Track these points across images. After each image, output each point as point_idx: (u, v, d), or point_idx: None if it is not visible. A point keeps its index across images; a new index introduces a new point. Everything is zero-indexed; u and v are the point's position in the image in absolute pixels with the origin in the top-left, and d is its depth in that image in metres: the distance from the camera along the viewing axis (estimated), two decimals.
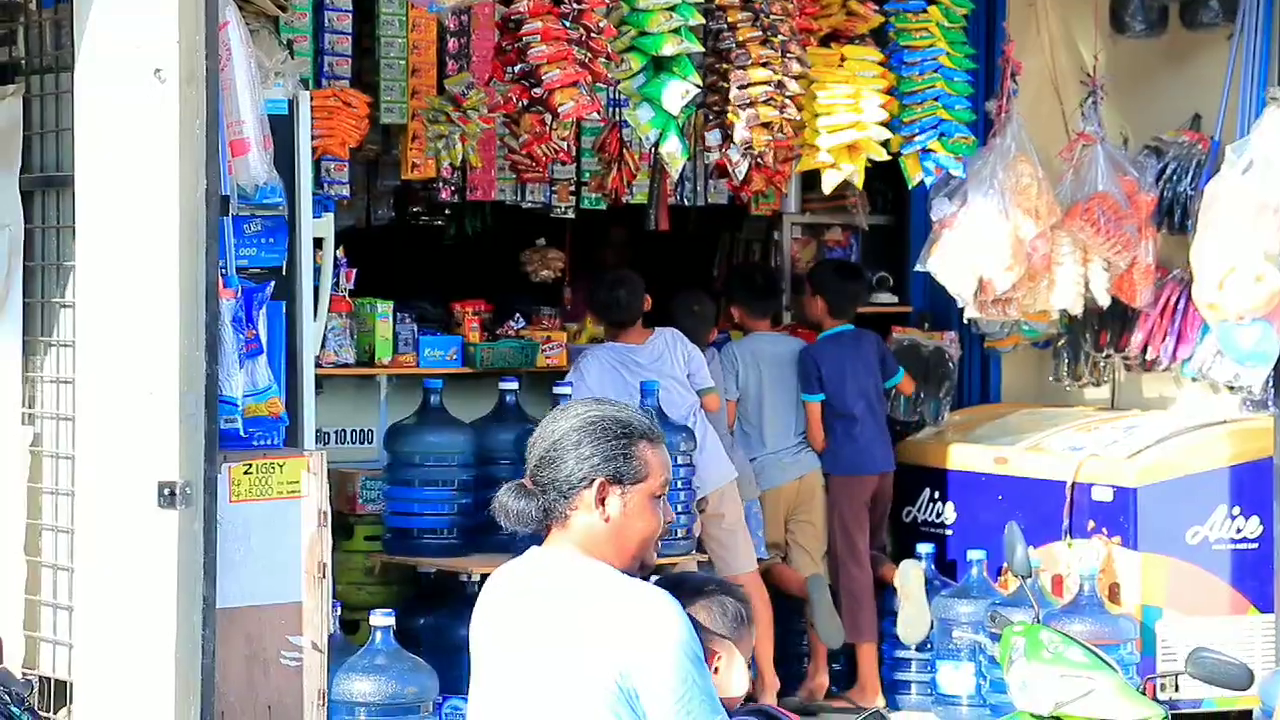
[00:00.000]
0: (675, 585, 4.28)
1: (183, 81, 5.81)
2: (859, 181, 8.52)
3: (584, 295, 9.05)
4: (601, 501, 4.10)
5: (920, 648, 8.44)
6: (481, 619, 4.22)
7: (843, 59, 8.34)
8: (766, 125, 8.13)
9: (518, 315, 8.98)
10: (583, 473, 4.10)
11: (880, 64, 8.34)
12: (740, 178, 8.34)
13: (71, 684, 6.22)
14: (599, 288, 8.44)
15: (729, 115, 8.16)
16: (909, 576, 8.38)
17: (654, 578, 4.31)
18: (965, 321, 9.07)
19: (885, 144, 8.39)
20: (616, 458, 4.11)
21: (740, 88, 8.11)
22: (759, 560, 8.41)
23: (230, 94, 6.15)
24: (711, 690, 4.04)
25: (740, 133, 8.09)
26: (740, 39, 8.09)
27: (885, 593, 8.60)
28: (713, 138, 8.30)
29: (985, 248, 8.44)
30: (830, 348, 8.85)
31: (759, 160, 8.28)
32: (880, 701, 8.39)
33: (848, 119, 8.25)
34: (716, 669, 4.25)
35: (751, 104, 8.13)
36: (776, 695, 8.19)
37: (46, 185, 6.60)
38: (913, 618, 8.33)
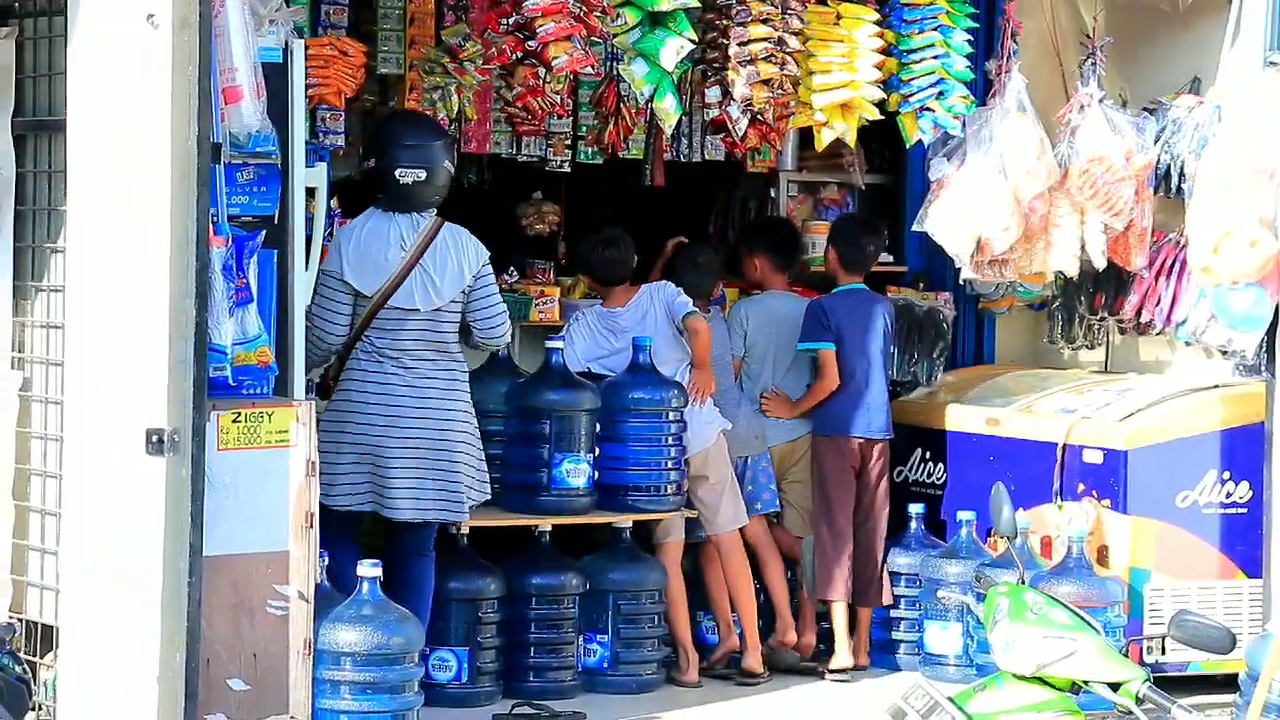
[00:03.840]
0: None
1: (176, 27, 5.80)
2: (852, 140, 8.49)
3: (575, 252, 9.01)
4: None
5: (910, 606, 8.47)
6: None
7: (839, 17, 8.31)
8: (766, 82, 8.12)
9: (512, 269, 8.96)
10: None
11: (876, 23, 8.31)
12: (740, 134, 8.31)
13: (57, 629, 6.24)
14: (588, 247, 8.41)
15: (729, 72, 8.13)
16: None
17: None
18: (960, 282, 9.04)
19: (881, 104, 8.35)
20: None
21: (740, 44, 8.09)
22: (768, 512, 8.44)
23: (223, 41, 6.14)
24: None
25: (740, 89, 8.07)
26: None
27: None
28: (712, 94, 8.28)
29: (983, 208, 8.42)
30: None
31: (758, 117, 8.26)
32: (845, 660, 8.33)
33: (842, 78, 8.22)
34: None
35: (751, 60, 8.11)
36: (760, 654, 8.21)
37: (38, 129, 6.58)
38: None
